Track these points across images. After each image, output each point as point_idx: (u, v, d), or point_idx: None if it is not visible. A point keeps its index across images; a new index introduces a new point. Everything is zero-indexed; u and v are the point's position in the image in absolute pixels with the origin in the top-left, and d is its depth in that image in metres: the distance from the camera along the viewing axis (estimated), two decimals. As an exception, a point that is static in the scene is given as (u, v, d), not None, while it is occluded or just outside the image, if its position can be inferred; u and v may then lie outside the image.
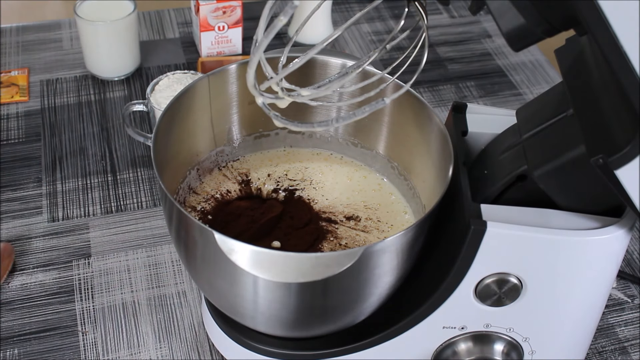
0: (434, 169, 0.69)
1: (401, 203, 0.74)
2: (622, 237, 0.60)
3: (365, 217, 0.72)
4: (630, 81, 0.49)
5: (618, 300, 0.86)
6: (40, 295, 0.83)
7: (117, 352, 0.78)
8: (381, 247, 0.60)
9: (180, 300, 0.83)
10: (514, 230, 0.60)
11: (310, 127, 0.63)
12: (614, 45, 0.48)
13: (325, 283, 0.61)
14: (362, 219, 0.72)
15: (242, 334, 0.71)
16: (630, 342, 0.82)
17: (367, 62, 0.63)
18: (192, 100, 0.71)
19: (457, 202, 0.63)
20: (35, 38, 1.19)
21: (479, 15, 1.31)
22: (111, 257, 0.87)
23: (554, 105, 0.63)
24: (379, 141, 0.77)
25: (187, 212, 0.60)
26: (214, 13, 1.10)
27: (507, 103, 1.13)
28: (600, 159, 0.53)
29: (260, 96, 0.59)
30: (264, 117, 0.64)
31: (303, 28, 0.91)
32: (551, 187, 0.61)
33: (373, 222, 0.72)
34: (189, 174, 0.74)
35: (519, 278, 0.63)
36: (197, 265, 0.66)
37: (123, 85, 1.11)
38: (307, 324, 0.67)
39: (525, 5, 0.53)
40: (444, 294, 0.64)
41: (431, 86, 1.15)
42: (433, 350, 0.69)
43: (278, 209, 0.72)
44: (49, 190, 0.95)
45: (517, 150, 0.64)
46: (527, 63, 1.21)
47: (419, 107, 0.70)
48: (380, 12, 1.30)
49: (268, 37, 0.52)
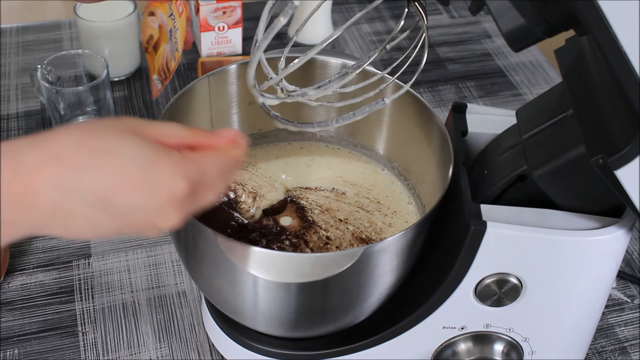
0: (434, 169, 0.69)
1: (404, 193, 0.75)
2: (622, 237, 0.60)
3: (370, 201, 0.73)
4: (630, 81, 0.49)
5: (618, 300, 0.86)
6: (40, 295, 0.83)
7: (117, 352, 0.78)
8: (381, 247, 0.60)
9: (180, 300, 0.83)
10: (514, 230, 0.60)
11: (310, 127, 0.63)
12: (614, 45, 0.48)
13: (325, 283, 0.61)
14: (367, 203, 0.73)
15: (242, 334, 0.71)
16: (630, 342, 0.82)
17: (367, 63, 0.63)
18: (192, 100, 0.71)
19: (457, 202, 0.63)
20: (35, 38, 1.19)
21: (479, 15, 1.31)
22: (111, 257, 0.87)
23: (554, 105, 0.63)
24: (379, 141, 0.77)
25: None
26: (214, 13, 1.10)
27: (507, 103, 1.13)
28: (600, 159, 0.53)
29: (260, 96, 0.60)
30: (264, 117, 0.64)
31: (303, 28, 0.91)
32: (551, 187, 0.61)
33: (374, 203, 0.73)
34: (189, 174, 0.74)
35: (519, 278, 0.63)
36: (197, 266, 0.66)
37: (123, 86, 1.11)
38: (307, 324, 0.67)
39: (525, 5, 0.53)
40: (444, 294, 0.64)
41: (431, 86, 1.15)
42: (433, 350, 0.69)
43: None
44: (49, 190, 0.95)
45: (517, 150, 0.64)
46: (527, 63, 1.21)
47: (419, 107, 0.70)
48: (380, 12, 1.30)
49: (268, 38, 0.52)
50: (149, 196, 0.45)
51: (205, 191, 0.48)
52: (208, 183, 0.48)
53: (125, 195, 0.45)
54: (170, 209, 0.46)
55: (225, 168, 0.50)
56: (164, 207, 0.46)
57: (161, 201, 0.46)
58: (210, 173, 0.48)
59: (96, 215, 0.45)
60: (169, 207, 0.46)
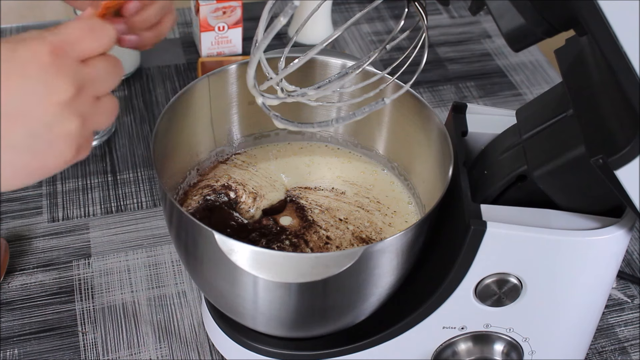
0: (434, 169, 0.69)
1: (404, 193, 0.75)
2: (622, 237, 0.60)
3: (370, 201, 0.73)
4: (630, 81, 0.49)
5: (618, 300, 0.86)
6: (40, 295, 0.83)
7: (117, 352, 0.78)
8: (381, 247, 0.60)
9: (180, 300, 0.83)
10: (514, 230, 0.60)
11: (310, 127, 0.63)
12: (614, 45, 0.48)
13: (325, 283, 0.61)
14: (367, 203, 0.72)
15: (242, 334, 0.71)
16: (630, 342, 0.82)
17: (367, 63, 0.63)
18: (192, 100, 0.71)
19: (457, 202, 0.63)
20: (35, 38, 1.19)
21: (479, 15, 1.31)
22: (111, 257, 0.87)
23: (554, 105, 0.63)
24: (379, 141, 0.77)
25: (187, 212, 0.60)
26: (214, 13, 1.10)
27: (507, 103, 1.13)
28: (600, 159, 0.53)
29: (260, 96, 0.59)
30: (264, 117, 0.64)
31: (303, 28, 0.91)
32: (551, 187, 0.61)
33: (374, 202, 0.73)
34: (189, 174, 0.74)
35: (519, 278, 0.63)
36: (197, 265, 0.66)
37: (123, 86, 1.11)
38: (307, 324, 0.67)
39: (525, 5, 0.53)
40: (444, 294, 0.64)
41: (431, 86, 1.15)
42: (433, 350, 0.69)
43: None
44: (49, 190, 0.95)
45: (517, 150, 0.64)
46: (527, 63, 1.21)
47: (419, 107, 0.70)
48: (380, 12, 1.30)
49: (268, 38, 0.52)
50: (42, 101, 0.46)
51: (95, 90, 0.49)
52: (95, 83, 0.49)
53: (20, 101, 0.45)
54: (67, 113, 0.47)
55: (109, 65, 0.51)
56: (61, 113, 0.46)
57: (55, 106, 0.46)
58: (93, 72, 0.49)
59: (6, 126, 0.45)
60: (64, 111, 0.46)
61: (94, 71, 0.49)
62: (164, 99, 1.09)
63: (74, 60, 0.48)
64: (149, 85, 1.11)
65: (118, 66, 0.52)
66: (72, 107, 0.47)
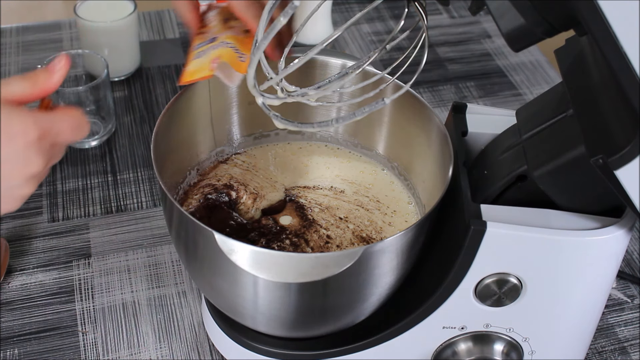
0: (434, 169, 0.69)
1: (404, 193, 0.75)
2: (622, 237, 0.60)
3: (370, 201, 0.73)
4: (630, 81, 0.49)
5: (618, 300, 0.86)
6: (40, 295, 0.83)
7: (117, 352, 0.78)
8: (381, 247, 0.60)
9: (180, 300, 0.83)
10: (514, 230, 0.60)
11: (310, 127, 0.63)
12: (614, 45, 0.48)
13: (325, 283, 0.61)
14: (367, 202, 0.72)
15: (242, 334, 0.71)
16: (630, 342, 0.82)
17: (367, 63, 0.63)
18: (192, 100, 0.71)
19: (457, 202, 0.63)
20: (35, 38, 1.19)
21: (479, 15, 1.31)
22: (111, 257, 0.87)
23: (554, 105, 0.63)
24: (379, 141, 0.77)
25: (187, 212, 0.60)
26: (214, 13, 1.10)
27: (507, 103, 1.13)
28: (600, 159, 0.53)
29: (261, 96, 0.60)
30: (264, 117, 0.64)
31: (303, 28, 0.91)
32: (551, 187, 0.61)
33: (373, 202, 0.73)
34: (189, 173, 0.74)
35: (519, 278, 0.63)
36: (197, 265, 0.66)
37: (123, 86, 1.11)
38: (307, 324, 0.67)
39: (525, 5, 0.53)
40: (444, 294, 0.64)
41: (431, 86, 1.15)
42: (433, 350, 0.69)
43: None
44: (49, 190, 0.95)
45: (517, 150, 0.64)
46: (527, 63, 1.21)
47: (419, 107, 0.70)
48: (380, 12, 1.30)
49: (268, 38, 0.52)
50: (8, 143, 0.51)
51: (58, 136, 0.54)
52: (58, 129, 0.54)
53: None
54: (31, 153, 0.52)
55: (73, 118, 0.55)
56: (25, 153, 0.52)
57: (20, 147, 0.51)
58: (58, 121, 0.54)
59: None
60: (28, 151, 0.52)
61: (62, 148, 0.56)
62: (164, 99, 1.09)
63: (52, 144, 0.54)
64: (149, 85, 1.11)
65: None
66: (38, 176, 0.54)
